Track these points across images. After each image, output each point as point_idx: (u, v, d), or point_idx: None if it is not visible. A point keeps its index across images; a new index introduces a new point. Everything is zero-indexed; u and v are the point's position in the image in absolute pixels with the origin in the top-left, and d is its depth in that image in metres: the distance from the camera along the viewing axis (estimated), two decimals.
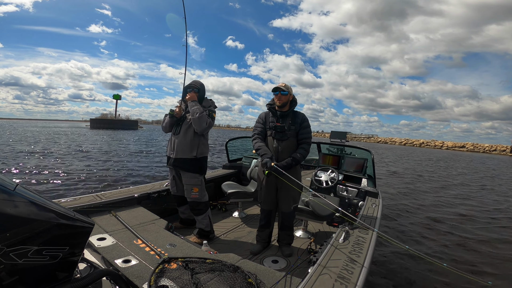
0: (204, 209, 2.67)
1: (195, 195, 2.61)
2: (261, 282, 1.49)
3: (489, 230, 5.12)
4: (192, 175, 2.61)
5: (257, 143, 2.43)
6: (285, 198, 2.44)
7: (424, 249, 3.96)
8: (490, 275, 3.32)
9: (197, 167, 2.62)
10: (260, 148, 2.38)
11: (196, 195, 2.61)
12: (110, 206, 2.51)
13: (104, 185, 6.91)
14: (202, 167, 2.67)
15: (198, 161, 2.62)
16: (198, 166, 2.62)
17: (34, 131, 33.26)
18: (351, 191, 3.59)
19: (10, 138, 20.19)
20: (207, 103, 2.71)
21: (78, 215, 0.96)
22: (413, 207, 6.47)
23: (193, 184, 2.61)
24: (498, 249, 4.16)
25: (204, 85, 2.75)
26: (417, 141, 77.77)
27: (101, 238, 1.92)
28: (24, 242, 0.81)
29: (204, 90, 2.75)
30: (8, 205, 0.78)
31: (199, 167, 2.63)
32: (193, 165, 2.60)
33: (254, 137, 2.49)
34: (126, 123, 65.00)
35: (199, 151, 2.60)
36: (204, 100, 2.71)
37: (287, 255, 2.49)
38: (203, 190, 2.68)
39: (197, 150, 2.59)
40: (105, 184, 7.06)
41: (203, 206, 2.67)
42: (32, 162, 9.62)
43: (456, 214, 6.09)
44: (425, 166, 18.10)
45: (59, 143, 18.06)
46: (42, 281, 0.90)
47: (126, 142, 22.08)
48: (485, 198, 8.32)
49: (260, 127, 2.50)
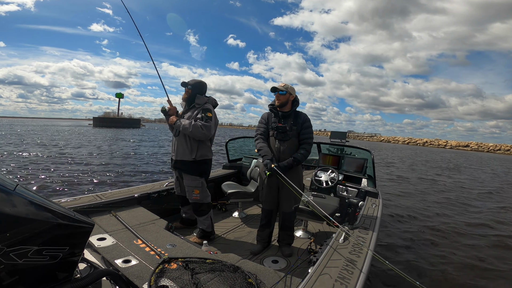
0: (207, 210, 2.65)
1: (196, 197, 2.59)
2: (261, 282, 1.49)
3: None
4: (193, 177, 2.58)
5: (259, 143, 2.45)
6: (286, 198, 2.45)
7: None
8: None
9: (197, 170, 2.57)
10: (261, 149, 2.40)
11: (197, 196, 2.59)
12: (110, 206, 2.51)
13: (104, 185, 6.91)
14: (203, 170, 2.61)
15: (198, 164, 2.56)
16: (198, 168, 2.57)
17: (35, 130, 33.33)
18: (351, 191, 3.59)
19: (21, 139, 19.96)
20: (201, 100, 2.60)
21: (78, 215, 0.96)
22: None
23: (194, 186, 2.58)
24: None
25: (200, 82, 2.64)
26: (421, 140, 76.92)
27: (101, 238, 1.92)
28: (24, 242, 0.81)
29: (199, 87, 2.62)
30: (8, 205, 0.78)
31: (199, 170, 2.58)
32: (193, 167, 2.56)
33: (256, 137, 2.51)
34: (129, 122, 65.24)
35: (199, 153, 2.54)
36: (197, 97, 2.60)
37: (287, 255, 2.49)
38: (205, 192, 2.65)
39: (197, 152, 2.53)
40: (105, 184, 7.06)
41: (205, 207, 2.64)
42: (32, 161, 9.63)
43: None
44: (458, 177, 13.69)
45: (58, 143, 18.04)
46: (42, 281, 0.90)
47: (125, 142, 22.02)
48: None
49: (263, 127, 2.51)
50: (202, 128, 2.43)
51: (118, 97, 69.18)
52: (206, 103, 2.61)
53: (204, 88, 2.67)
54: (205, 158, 2.60)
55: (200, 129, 2.42)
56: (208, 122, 2.46)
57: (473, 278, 3.25)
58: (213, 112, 2.57)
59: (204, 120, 2.46)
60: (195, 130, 2.41)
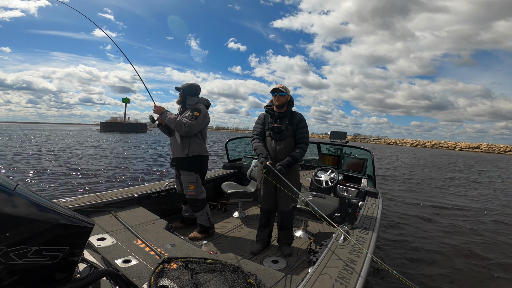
0: (202, 206, 2.76)
1: (192, 192, 2.71)
2: (261, 282, 1.49)
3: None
4: (187, 173, 2.70)
5: (255, 143, 2.52)
6: (284, 197, 2.47)
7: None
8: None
9: (191, 166, 2.69)
10: (257, 148, 2.47)
11: (193, 191, 2.70)
12: (110, 206, 2.51)
13: (104, 185, 6.91)
14: (196, 166, 2.72)
15: (191, 159, 2.67)
16: (191, 164, 2.69)
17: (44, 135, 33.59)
18: (351, 191, 3.59)
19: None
20: (192, 101, 2.72)
21: (78, 215, 0.96)
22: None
23: (189, 181, 2.70)
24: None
25: (190, 85, 2.78)
26: (429, 142, 75.68)
27: (101, 238, 1.92)
28: (24, 242, 0.81)
29: (189, 89, 2.75)
30: (8, 205, 0.78)
31: (193, 165, 2.69)
32: (187, 163, 2.68)
33: (253, 137, 2.57)
34: (135, 126, 66.33)
35: (191, 150, 2.65)
36: (188, 99, 2.72)
37: (287, 255, 2.49)
38: (200, 187, 2.75)
39: (188, 149, 2.65)
40: (105, 184, 7.06)
41: (200, 203, 2.75)
42: (34, 163, 9.63)
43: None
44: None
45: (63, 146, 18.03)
46: (42, 281, 0.90)
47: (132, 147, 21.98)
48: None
49: (259, 128, 2.56)
50: (185, 125, 2.54)
51: (124, 102, 69.93)
52: (198, 104, 2.73)
53: (194, 89, 2.79)
54: (197, 154, 2.70)
55: (182, 126, 2.54)
56: (192, 120, 2.57)
57: (473, 278, 3.25)
58: (202, 112, 2.67)
59: (189, 118, 2.58)
60: (178, 125, 2.56)
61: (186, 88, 2.75)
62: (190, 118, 2.58)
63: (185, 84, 2.78)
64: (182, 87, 2.75)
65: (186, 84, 2.78)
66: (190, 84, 2.79)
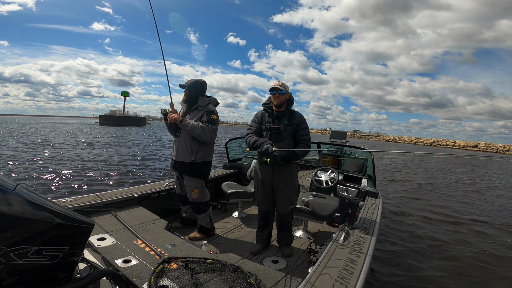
0: (205, 208, 2.71)
1: (196, 196, 2.63)
2: (261, 282, 1.49)
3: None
4: (191, 178, 2.60)
5: (251, 137, 2.37)
6: (282, 200, 2.44)
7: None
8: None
9: (196, 172, 2.57)
10: (256, 140, 2.32)
11: (197, 196, 2.63)
12: (110, 206, 2.51)
13: (104, 185, 6.91)
14: (201, 172, 2.61)
15: (197, 166, 2.55)
16: (197, 171, 2.57)
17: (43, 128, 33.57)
18: (351, 191, 3.59)
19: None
20: (203, 101, 2.55)
21: (78, 215, 0.96)
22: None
23: (193, 186, 2.61)
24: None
25: (196, 82, 2.57)
26: (428, 140, 74.65)
27: (101, 238, 1.92)
28: (24, 242, 0.81)
29: (196, 87, 2.55)
30: (8, 205, 0.78)
31: (198, 172, 2.58)
32: (192, 169, 2.56)
33: (248, 135, 2.44)
34: (134, 120, 65.94)
35: (198, 156, 2.53)
36: (200, 99, 2.55)
37: (287, 255, 2.49)
38: (204, 191, 2.68)
39: (196, 155, 2.52)
40: (105, 184, 7.06)
41: (203, 206, 2.70)
42: (32, 160, 9.62)
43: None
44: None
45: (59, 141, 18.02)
46: (42, 281, 0.90)
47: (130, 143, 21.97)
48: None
49: (255, 126, 2.45)
50: (210, 131, 2.44)
51: (123, 95, 69.80)
52: (209, 104, 2.59)
53: (202, 87, 2.61)
54: (204, 161, 2.59)
55: (208, 132, 2.44)
56: (214, 125, 2.48)
57: (473, 278, 3.25)
58: (216, 113, 2.57)
59: (211, 124, 2.47)
60: (203, 132, 2.42)
61: (191, 86, 2.53)
62: (212, 123, 2.44)
63: (191, 81, 2.56)
64: (187, 84, 2.55)
65: (192, 81, 2.56)
66: (195, 81, 2.56)
